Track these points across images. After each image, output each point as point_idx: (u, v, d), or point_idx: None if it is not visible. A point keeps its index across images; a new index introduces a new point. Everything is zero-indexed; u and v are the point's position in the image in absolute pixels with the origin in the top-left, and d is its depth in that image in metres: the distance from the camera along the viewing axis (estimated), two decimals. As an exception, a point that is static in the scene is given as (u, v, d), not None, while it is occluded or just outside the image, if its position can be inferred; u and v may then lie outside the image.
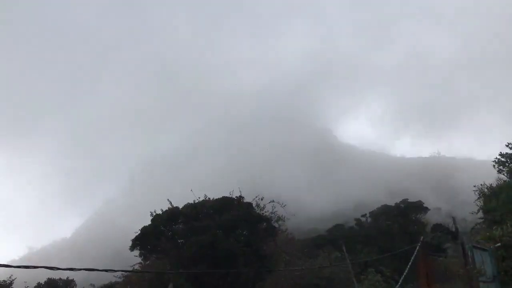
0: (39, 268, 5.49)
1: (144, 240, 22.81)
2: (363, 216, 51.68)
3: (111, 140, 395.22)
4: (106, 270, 6.53)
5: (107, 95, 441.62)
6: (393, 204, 48.57)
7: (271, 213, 23.93)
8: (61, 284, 38.59)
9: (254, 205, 23.80)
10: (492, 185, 24.03)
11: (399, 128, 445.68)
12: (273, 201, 24.22)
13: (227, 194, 24.17)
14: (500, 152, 24.33)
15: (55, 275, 38.08)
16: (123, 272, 21.52)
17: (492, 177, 25.36)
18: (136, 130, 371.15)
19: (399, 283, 11.87)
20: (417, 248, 11.45)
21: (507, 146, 24.16)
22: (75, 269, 6.02)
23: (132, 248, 23.05)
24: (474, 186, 25.09)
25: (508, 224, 16.07)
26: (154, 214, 23.70)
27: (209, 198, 24.22)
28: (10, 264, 5.43)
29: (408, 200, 48.86)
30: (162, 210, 23.77)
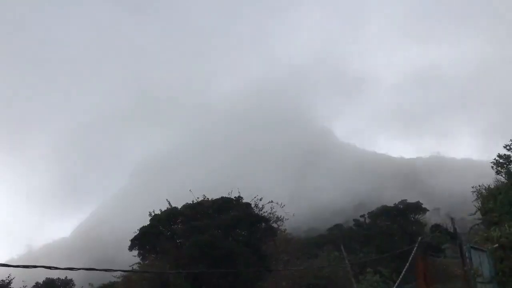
0: (37, 268, 5.51)
1: (143, 240, 22.81)
2: (362, 216, 51.64)
3: (110, 142, 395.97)
4: (105, 270, 6.55)
5: (107, 98, 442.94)
6: (392, 205, 48.58)
7: (270, 213, 23.95)
8: (59, 283, 38.54)
9: (252, 205, 23.83)
10: (490, 186, 24.06)
11: (399, 130, 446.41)
12: (271, 202, 24.25)
13: (225, 195, 24.19)
14: (498, 154, 24.37)
15: (54, 274, 38.08)
16: (122, 272, 21.49)
17: (490, 177, 25.41)
18: (134, 132, 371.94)
19: (397, 283, 11.91)
20: (415, 248, 11.49)
21: (505, 147, 24.20)
22: (73, 268, 6.03)
23: (131, 248, 23.06)
24: (472, 187, 25.12)
25: (506, 225, 16.12)
26: (153, 214, 23.71)
27: (207, 198, 24.23)
28: (9, 264, 5.45)
29: (407, 201, 48.87)
30: (160, 210, 23.78)
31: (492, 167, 24.65)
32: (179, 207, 23.92)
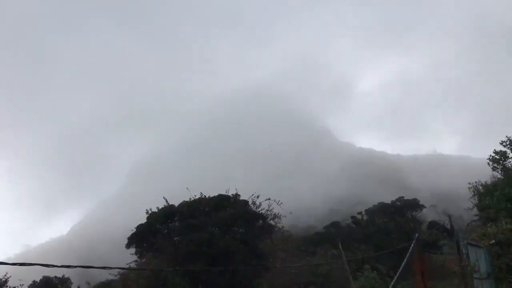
0: (34, 266, 5.47)
1: (140, 238, 22.79)
2: (359, 213, 51.82)
3: (108, 139, 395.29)
4: (102, 268, 6.52)
5: (108, 94, 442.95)
6: (389, 202, 48.83)
7: (267, 210, 23.95)
8: (56, 282, 38.49)
9: (250, 203, 23.81)
10: (487, 182, 24.11)
11: (396, 127, 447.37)
12: (269, 199, 24.25)
13: (223, 192, 24.17)
14: (494, 150, 24.40)
15: (51, 272, 38.03)
16: (119, 270, 21.51)
17: (487, 174, 25.45)
18: (132, 129, 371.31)
19: (394, 280, 11.93)
20: (412, 245, 11.50)
21: (501, 143, 24.23)
22: (70, 266, 6.00)
23: (128, 245, 23.04)
24: (469, 183, 25.15)
25: (503, 222, 16.17)
26: (150, 212, 23.68)
27: (205, 196, 24.20)
28: (6, 262, 5.41)
29: (404, 198, 49.17)
30: (158, 208, 23.75)
31: (488, 163, 24.69)
32: (176, 205, 23.90)
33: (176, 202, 24.18)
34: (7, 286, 26.74)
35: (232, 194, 23.82)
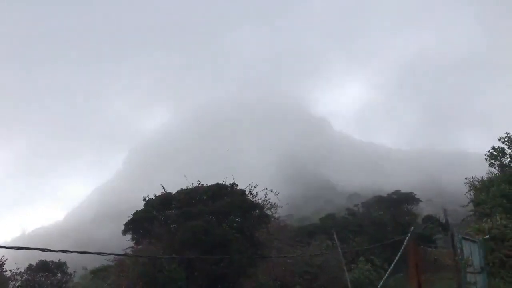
0: (31, 250, 5.48)
1: (137, 225, 22.84)
2: (355, 206, 52.03)
3: (106, 125, 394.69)
4: (98, 253, 6.56)
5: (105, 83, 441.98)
6: (385, 195, 48.99)
7: (264, 200, 23.97)
8: (52, 266, 38.52)
9: (247, 192, 23.84)
10: (483, 178, 24.23)
11: (396, 121, 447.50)
12: (266, 189, 24.25)
13: (220, 181, 24.17)
14: (493, 146, 24.51)
15: (47, 257, 38.06)
16: (115, 256, 21.52)
17: (483, 170, 25.57)
18: (129, 115, 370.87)
19: (388, 272, 12.02)
20: (407, 238, 11.57)
21: (499, 140, 24.32)
22: (67, 251, 6.03)
23: (124, 232, 23.09)
24: (466, 178, 25.29)
25: (498, 217, 16.31)
26: (147, 199, 23.70)
27: (202, 184, 24.21)
28: (2, 245, 5.42)
29: (401, 191, 49.33)
30: (155, 195, 23.77)
31: (485, 159, 24.82)
32: (174, 192, 23.91)
33: (173, 189, 24.20)
34: (3, 269, 26.86)
35: (230, 183, 23.83)
